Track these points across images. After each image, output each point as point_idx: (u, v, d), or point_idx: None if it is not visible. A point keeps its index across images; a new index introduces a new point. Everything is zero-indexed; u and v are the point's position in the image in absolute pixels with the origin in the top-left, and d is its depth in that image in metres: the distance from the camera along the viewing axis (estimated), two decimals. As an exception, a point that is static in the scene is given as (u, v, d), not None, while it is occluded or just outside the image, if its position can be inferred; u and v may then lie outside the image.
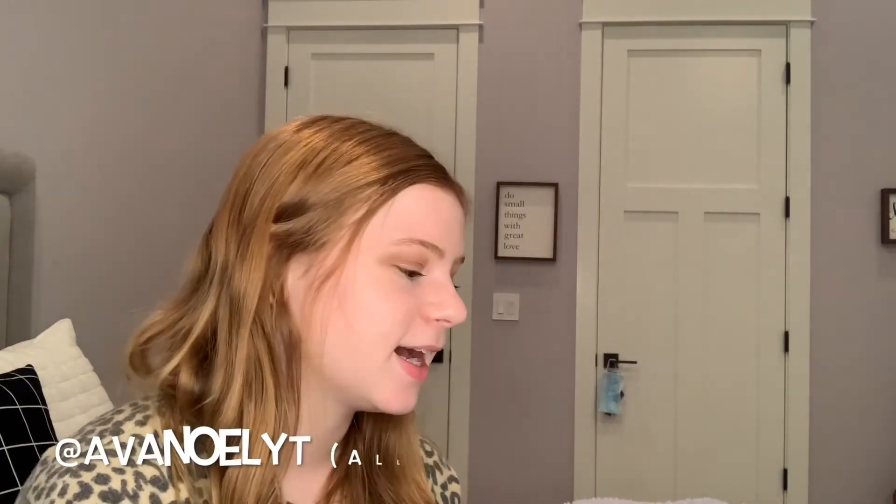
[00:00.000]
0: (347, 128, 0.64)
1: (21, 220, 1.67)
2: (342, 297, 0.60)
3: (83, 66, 1.98)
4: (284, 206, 0.60)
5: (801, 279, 2.84)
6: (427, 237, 0.62)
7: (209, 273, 0.63)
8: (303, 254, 0.60)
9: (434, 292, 0.63)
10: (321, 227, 0.60)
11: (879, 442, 2.77)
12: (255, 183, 0.62)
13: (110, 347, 0.67)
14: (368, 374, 0.61)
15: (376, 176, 0.61)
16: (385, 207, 0.61)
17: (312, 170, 0.61)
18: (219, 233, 0.63)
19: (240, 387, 0.58)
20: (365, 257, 0.60)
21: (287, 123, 0.66)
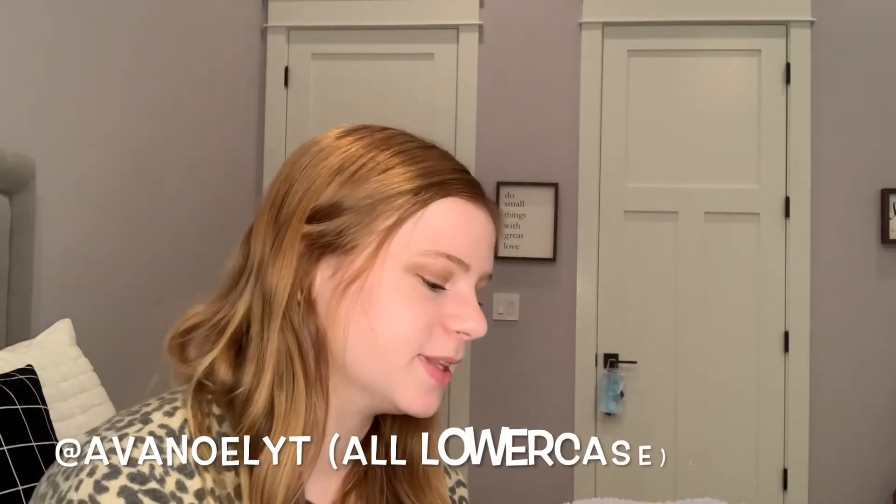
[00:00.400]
0: (387, 138, 0.66)
1: (21, 220, 1.67)
2: (366, 300, 0.62)
3: (83, 65, 1.98)
4: (319, 207, 0.62)
5: (801, 279, 2.84)
6: (454, 251, 0.63)
7: (247, 269, 0.65)
8: (332, 255, 0.62)
9: (456, 305, 0.64)
10: (352, 231, 0.62)
11: (879, 442, 2.77)
12: (294, 185, 0.64)
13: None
14: (391, 374, 0.63)
15: (409, 186, 0.62)
16: (415, 217, 0.62)
17: (349, 175, 0.63)
18: (257, 231, 0.65)
19: (270, 378, 0.60)
20: (391, 264, 0.62)
21: (330, 130, 0.69)
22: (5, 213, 1.63)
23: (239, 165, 2.97)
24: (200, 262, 2.58)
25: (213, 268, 2.37)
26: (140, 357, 2.36)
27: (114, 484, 0.54)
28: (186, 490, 0.56)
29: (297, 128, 3.11)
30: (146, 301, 2.25)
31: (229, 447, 0.58)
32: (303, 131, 3.10)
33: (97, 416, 1.48)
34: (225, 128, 2.82)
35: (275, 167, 3.17)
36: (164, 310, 0.68)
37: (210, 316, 0.65)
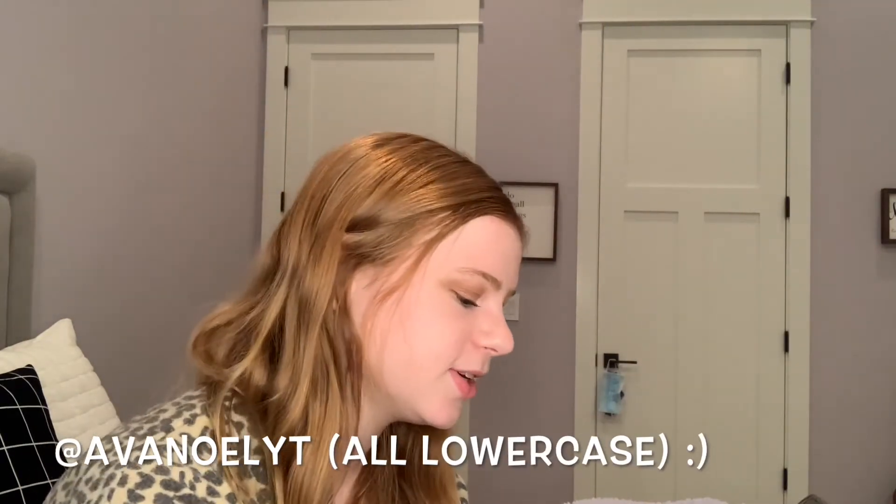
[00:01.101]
0: (425, 149, 0.67)
1: (21, 220, 1.67)
2: (403, 314, 0.63)
3: (83, 66, 1.98)
4: (358, 217, 0.63)
5: (801, 279, 2.84)
6: (488, 269, 0.65)
7: (279, 270, 0.65)
8: (369, 265, 0.63)
9: (486, 321, 0.66)
10: (390, 243, 0.63)
11: (879, 442, 2.77)
12: (332, 191, 0.64)
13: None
14: (421, 387, 0.64)
15: (449, 202, 0.64)
16: (454, 234, 0.64)
17: (389, 187, 0.63)
18: (292, 233, 0.65)
19: (308, 386, 0.60)
20: (429, 279, 0.63)
21: (364, 136, 0.69)
22: (5, 213, 1.63)
23: (239, 165, 2.97)
24: (200, 261, 2.58)
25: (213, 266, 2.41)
26: (140, 357, 2.37)
27: (149, 492, 0.53)
28: (218, 494, 0.56)
29: (297, 128, 3.11)
30: (146, 301, 2.25)
31: (253, 455, 0.58)
32: (303, 131, 3.10)
33: (97, 416, 1.48)
34: (225, 128, 2.82)
35: (275, 167, 3.18)
36: (164, 311, 0.68)
37: (237, 316, 0.65)
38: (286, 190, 3.09)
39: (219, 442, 0.57)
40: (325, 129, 3.09)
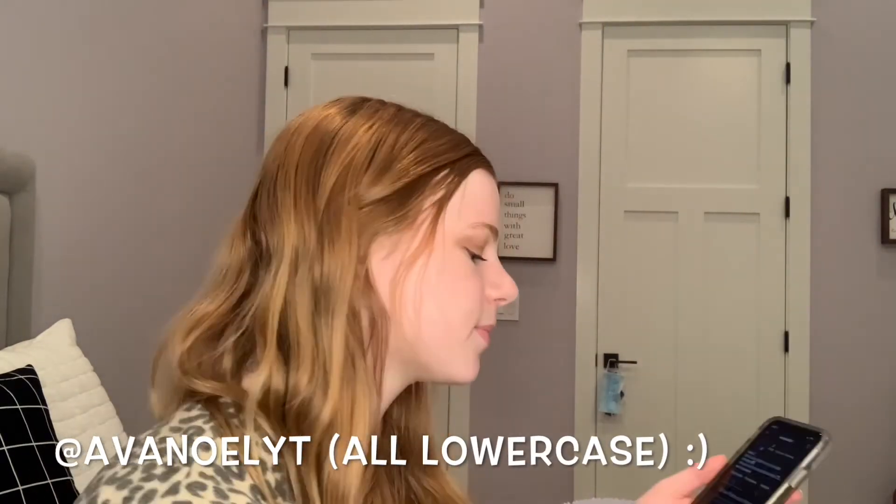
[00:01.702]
0: (399, 111, 0.66)
1: (21, 220, 1.67)
2: (431, 279, 0.61)
3: (83, 66, 1.98)
4: (364, 189, 0.60)
5: (801, 279, 2.84)
6: (491, 220, 0.65)
7: (267, 258, 0.60)
8: (385, 236, 0.61)
9: (491, 273, 0.66)
10: (402, 210, 0.61)
11: (879, 442, 2.77)
12: (322, 168, 0.61)
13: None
14: (452, 349, 0.63)
15: (446, 159, 0.63)
16: (459, 191, 0.63)
17: (386, 153, 0.62)
18: (281, 215, 0.60)
19: (337, 382, 0.56)
20: (447, 239, 0.62)
21: (319, 107, 0.66)
22: (5, 213, 1.63)
23: (239, 165, 2.97)
24: (200, 261, 2.58)
25: (213, 268, 2.33)
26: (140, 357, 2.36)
27: None
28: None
29: (297, 128, 3.10)
30: (146, 301, 2.25)
31: (274, 470, 0.54)
32: (303, 131, 3.10)
33: (97, 416, 1.48)
34: (225, 128, 2.82)
35: (275, 167, 3.18)
36: (164, 311, 0.64)
37: (219, 319, 0.60)
38: (286, 190, 3.09)
39: (250, 467, 0.52)
40: (324, 129, 3.09)
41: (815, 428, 0.58)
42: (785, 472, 0.56)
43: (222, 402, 0.57)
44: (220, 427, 0.54)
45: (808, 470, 0.56)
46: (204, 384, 0.57)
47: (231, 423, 0.54)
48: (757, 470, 0.59)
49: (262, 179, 0.64)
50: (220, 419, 0.55)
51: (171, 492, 0.48)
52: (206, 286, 0.63)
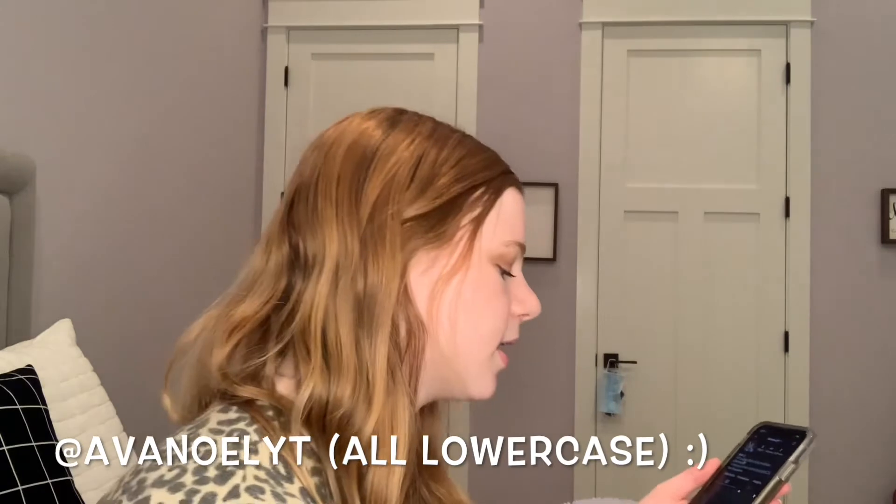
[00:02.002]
0: (436, 126, 0.68)
1: (21, 220, 1.67)
2: (466, 296, 0.62)
3: (83, 66, 1.98)
4: (405, 206, 0.61)
5: (801, 279, 2.84)
6: (521, 239, 0.67)
7: (303, 265, 0.60)
8: (423, 251, 0.62)
9: (517, 289, 0.67)
10: (442, 227, 0.62)
11: (879, 442, 2.77)
12: (365, 181, 0.62)
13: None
14: (477, 366, 0.65)
15: (483, 177, 0.65)
16: (495, 209, 0.65)
17: (428, 169, 0.63)
18: (322, 223, 0.61)
19: (381, 396, 0.56)
20: (483, 256, 0.64)
21: (359, 117, 0.69)
22: (5, 213, 1.63)
23: (239, 165, 2.98)
24: (200, 261, 2.58)
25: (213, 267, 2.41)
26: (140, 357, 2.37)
27: None
28: None
29: (297, 128, 3.11)
30: (146, 301, 2.25)
31: (312, 474, 0.55)
32: (303, 131, 3.10)
33: (97, 416, 1.48)
34: (225, 128, 2.82)
35: (275, 167, 3.18)
36: (164, 310, 0.64)
37: (258, 325, 0.60)
38: (286, 190, 3.08)
39: (298, 470, 0.53)
40: (325, 130, 3.09)
41: (800, 427, 0.63)
42: (775, 468, 0.60)
43: (260, 405, 0.57)
44: (263, 430, 0.54)
45: (796, 464, 0.60)
46: (246, 390, 0.57)
47: (274, 427, 0.55)
48: (748, 468, 0.63)
49: (299, 187, 0.65)
50: (263, 422, 0.55)
51: (233, 495, 0.48)
52: (239, 290, 0.63)
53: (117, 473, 1.44)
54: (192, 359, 0.61)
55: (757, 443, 0.64)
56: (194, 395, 0.61)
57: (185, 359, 0.61)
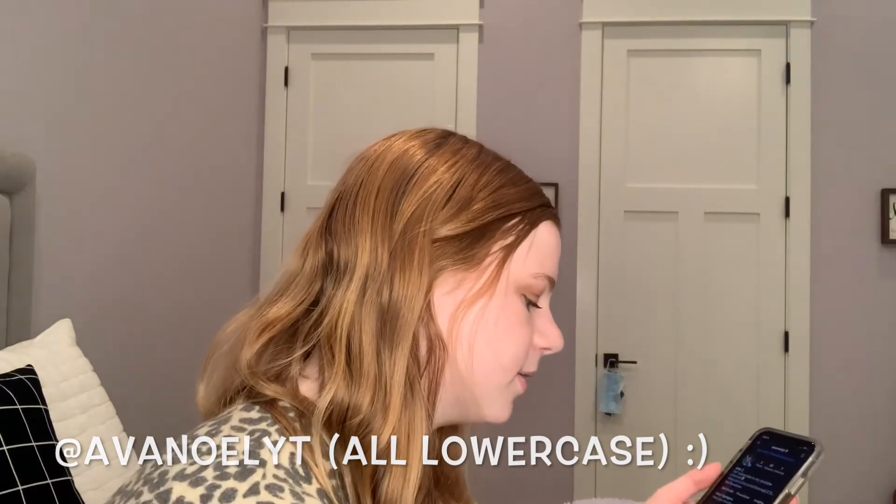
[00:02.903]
0: (480, 152, 0.68)
1: (21, 220, 1.67)
2: (489, 322, 0.63)
3: (83, 65, 1.98)
4: (438, 225, 0.62)
5: (801, 279, 2.84)
6: (552, 272, 0.68)
7: (336, 271, 0.62)
8: (450, 273, 0.62)
9: (542, 322, 0.68)
10: (471, 251, 0.63)
11: (879, 442, 2.77)
12: (404, 194, 0.63)
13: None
14: (495, 392, 0.65)
15: (520, 208, 0.65)
16: (528, 239, 0.65)
17: (465, 193, 0.63)
18: (357, 232, 0.62)
19: (398, 406, 0.58)
20: (510, 284, 0.64)
21: (403, 136, 0.68)
22: (5, 213, 1.63)
23: (239, 165, 2.97)
24: (200, 261, 2.58)
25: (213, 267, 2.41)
26: (140, 357, 2.37)
27: None
28: None
29: (297, 128, 3.11)
30: (146, 300, 2.25)
31: (330, 478, 0.55)
32: (303, 131, 3.10)
33: (97, 416, 1.48)
34: (225, 128, 2.82)
35: (275, 167, 3.18)
36: (164, 310, 0.65)
37: (289, 325, 0.61)
38: (286, 190, 3.09)
39: (317, 472, 0.54)
40: (325, 129, 3.09)
41: (807, 438, 0.61)
42: (784, 479, 0.59)
43: (282, 406, 0.58)
44: (284, 431, 0.55)
45: (805, 477, 0.59)
46: (270, 388, 0.59)
47: (295, 428, 0.56)
48: (753, 478, 0.62)
49: (341, 196, 0.66)
50: (285, 423, 0.56)
51: (252, 492, 0.49)
52: (275, 290, 0.64)
53: (117, 473, 1.44)
54: (224, 354, 0.63)
55: (761, 450, 0.64)
56: (222, 389, 0.62)
57: (220, 353, 0.63)
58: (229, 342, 0.63)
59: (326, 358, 0.59)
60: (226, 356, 0.62)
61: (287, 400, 0.59)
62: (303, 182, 3.08)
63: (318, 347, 0.61)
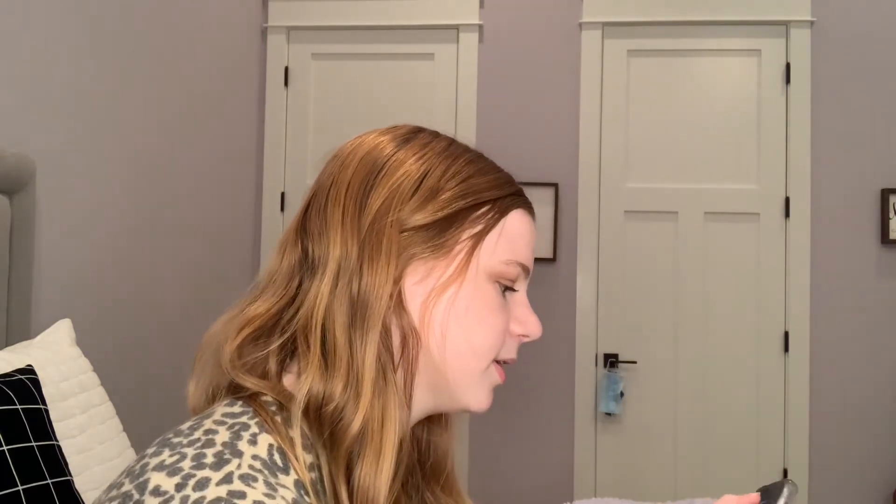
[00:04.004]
0: (450, 145, 0.69)
1: (21, 220, 1.67)
2: (459, 307, 0.64)
3: (83, 66, 1.98)
4: (407, 215, 0.63)
5: (801, 279, 2.84)
6: (524, 259, 0.69)
7: (309, 267, 0.64)
8: (420, 262, 0.64)
9: (518, 309, 0.69)
10: (440, 239, 0.64)
11: (879, 442, 2.77)
12: (372, 188, 0.64)
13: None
14: (470, 379, 0.65)
15: (489, 196, 0.66)
16: (498, 227, 0.66)
17: (433, 183, 0.65)
18: (329, 228, 0.64)
19: (369, 394, 0.59)
20: (480, 272, 0.65)
21: (375, 132, 0.69)
22: (5, 213, 1.63)
23: (239, 165, 2.97)
24: (200, 261, 2.58)
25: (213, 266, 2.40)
26: (140, 357, 2.37)
27: None
28: None
29: (297, 128, 3.11)
30: (146, 301, 2.25)
31: (310, 469, 0.56)
32: (303, 131, 3.10)
33: (97, 416, 1.48)
34: (225, 128, 2.82)
35: (275, 167, 3.18)
36: (164, 310, 0.65)
37: (267, 321, 0.63)
38: (286, 190, 3.09)
39: (296, 463, 0.55)
40: (325, 129, 3.09)
41: (782, 481, 0.67)
42: None
43: (264, 400, 0.59)
44: (264, 424, 0.57)
45: None
46: (250, 381, 0.60)
47: (275, 421, 0.57)
48: None
49: (315, 193, 0.67)
50: (265, 416, 0.57)
51: (225, 481, 0.50)
52: (256, 289, 0.66)
53: (118, 473, 1.44)
54: (212, 353, 0.64)
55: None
56: (208, 385, 0.64)
57: (209, 352, 0.65)
58: (216, 341, 0.64)
59: (302, 349, 0.61)
60: (211, 355, 0.64)
61: (268, 392, 0.60)
62: (303, 182, 3.08)
63: (296, 341, 0.62)
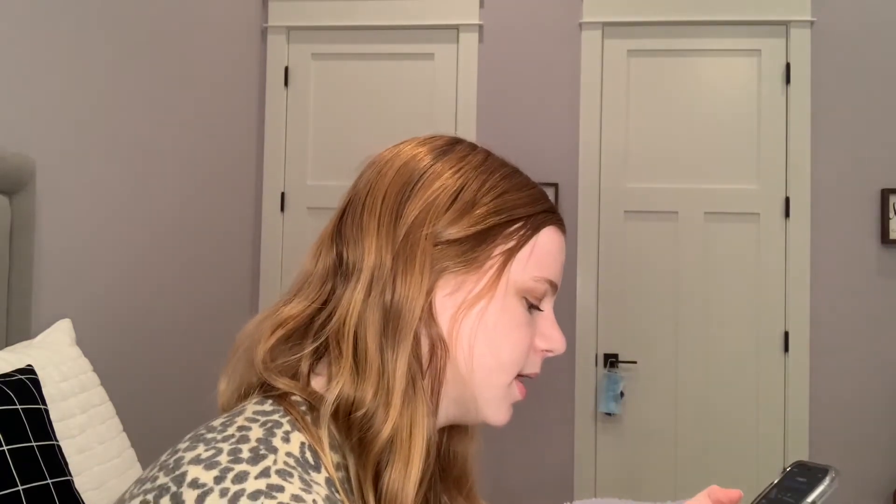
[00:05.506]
0: (487, 158, 0.70)
1: (21, 220, 1.67)
2: (488, 322, 0.65)
3: (83, 65, 1.98)
4: (441, 228, 0.64)
5: (801, 279, 2.84)
6: (554, 277, 0.69)
7: (344, 272, 0.64)
8: (452, 275, 0.64)
9: (544, 325, 0.70)
10: (473, 253, 0.65)
11: (879, 442, 2.77)
12: (409, 198, 0.65)
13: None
14: (494, 392, 0.66)
15: (523, 213, 0.67)
16: (530, 244, 0.67)
17: (469, 198, 0.65)
18: (364, 235, 0.65)
19: (399, 402, 0.60)
20: (509, 288, 0.66)
21: (413, 142, 0.70)
22: (5, 213, 1.63)
23: (239, 165, 2.97)
24: (200, 261, 2.58)
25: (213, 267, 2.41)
26: (140, 357, 2.37)
27: None
28: None
29: (297, 128, 3.11)
30: (146, 300, 2.25)
31: (337, 470, 0.58)
32: (303, 131, 3.10)
33: (97, 416, 1.48)
34: (225, 128, 2.82)
35: (275, 167, 3.18)
36: (164, 310, 0.65)
37: (301, 324, 0.64)
38: (286, 190, 3.09)
39: (326, 462, 0.57)
40: (325, 129, 3.09)
41: (825, 466, 0.64)
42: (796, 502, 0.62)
43: (294, 400, 0.61)
44: (296, 422, 0.58)
45: (814, 503, 0.61)
46: (282, 382, 0.61)
47: (305, 420, 0.59)
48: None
49: (352, 199, 0.68)
50: (296, 415, 0.59)
51: (263, 475, 0.51)
52: (290, 290, 0.67)
53: (118, 473, 1.44)
54: (245, 352, 0.65)
55: (787, 482, 0.66)
56: (239, 384, 0.65)
57: (242, 350, 0.66)
58: (249, 340, 0.65)
59: (335, 354, 0.62)
60: (243, 354, 0.65)
61: (298, 393, 0.61)
62: (303, 182, 3.08)
63: (328, 344, 0.63)
